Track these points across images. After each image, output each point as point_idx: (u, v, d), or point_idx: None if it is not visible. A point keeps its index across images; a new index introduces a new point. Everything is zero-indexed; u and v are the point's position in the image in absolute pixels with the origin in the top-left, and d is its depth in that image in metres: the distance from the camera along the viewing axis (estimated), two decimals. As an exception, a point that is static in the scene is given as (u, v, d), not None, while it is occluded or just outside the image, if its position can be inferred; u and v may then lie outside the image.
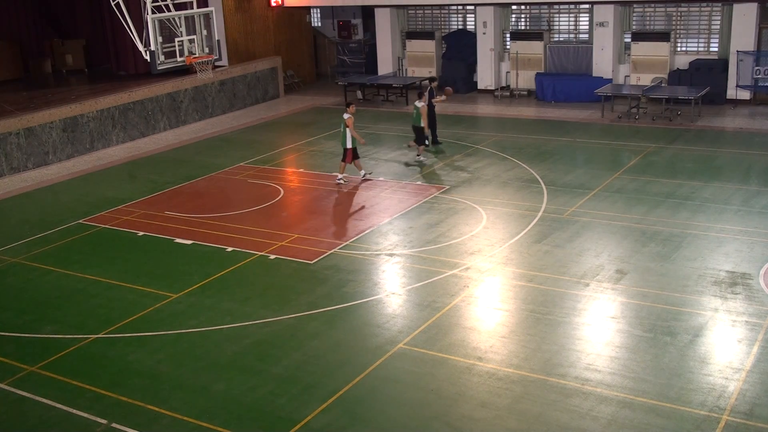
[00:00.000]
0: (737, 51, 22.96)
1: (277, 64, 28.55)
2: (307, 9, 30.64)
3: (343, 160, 17.55)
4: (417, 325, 10.95)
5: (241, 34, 28.23)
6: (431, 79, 21.37)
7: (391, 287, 12.26)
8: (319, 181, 17.96)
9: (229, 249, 14.05)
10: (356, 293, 12.05)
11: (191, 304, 11.99)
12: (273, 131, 23.55)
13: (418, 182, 17.42)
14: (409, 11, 29.17)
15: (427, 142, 19.64)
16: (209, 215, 15.90)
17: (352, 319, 11.30)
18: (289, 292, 12.25)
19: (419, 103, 18.86)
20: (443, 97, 20.31)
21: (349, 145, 17.34)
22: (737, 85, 23.27)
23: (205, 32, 19.24)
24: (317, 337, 10.74)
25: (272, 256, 13.63)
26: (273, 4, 28.67)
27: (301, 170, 19.32)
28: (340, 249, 13.77)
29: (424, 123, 18.84)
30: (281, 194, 17.16)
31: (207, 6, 24.58)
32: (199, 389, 9.65)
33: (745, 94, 23.51)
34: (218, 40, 19.94)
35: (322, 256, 13.48)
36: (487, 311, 11.32)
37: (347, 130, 17.24)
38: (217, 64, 21.86)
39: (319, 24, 32.81)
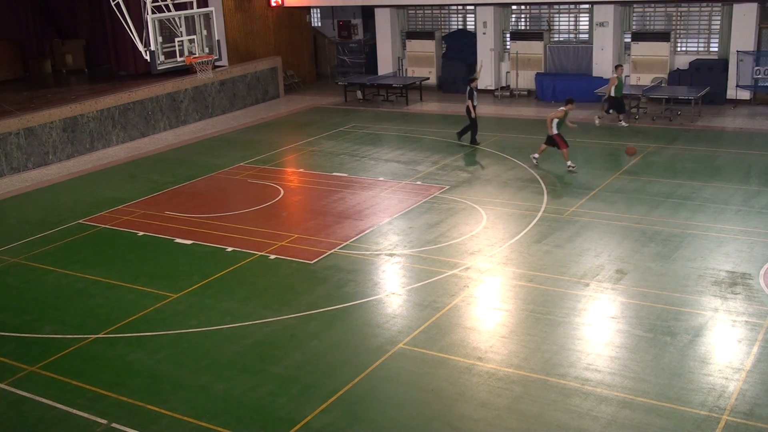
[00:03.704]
0: (737, 51, 22.95)
1: (277, 64, 28.54)
2: (307, 9, 30.63)
3: (565, 146, 17.76)
4: (417, 325, 10.95)
5: (241, 34, 28.22)
6: (471, 79, 20.60)
7: (391, 287, 12.26)
8: (319, 181, 17.96)
9: (229, 249, 14.04)
10: (356, 293, 12.05)
11: (191, 304, 11.99)
12: (273, 131, 23.55)
13: (418, 182, 17.42)
14: (409, 11, 29.16)
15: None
16: (209, 215, 15.90)
17: (352, 319, 11.29)
18: (289, 292, 12.25)
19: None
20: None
21: (555, 131, 17.74)
22: (737, 85, 23.26)
23: (205, 32, 19.20)
24: (317, 337, 10.74)
25: (272, 256, 13.63)
26: (273, 4, 28.66)
27: (301, 170, 19.32)
28: (340, 249, 13.77)
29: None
30: (281, 194, 17.16)
31: (207, 6, 24.57)
32: (199, 389, 9.65)
33: (745, 94, 23.50)
34: (218, 40, 19.90)
35: (322, 256, 13.48)
36: (487, 311, 11.32)
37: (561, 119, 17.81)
38: (217, 64, 21.84)
39: (319, 24, 32.80)
